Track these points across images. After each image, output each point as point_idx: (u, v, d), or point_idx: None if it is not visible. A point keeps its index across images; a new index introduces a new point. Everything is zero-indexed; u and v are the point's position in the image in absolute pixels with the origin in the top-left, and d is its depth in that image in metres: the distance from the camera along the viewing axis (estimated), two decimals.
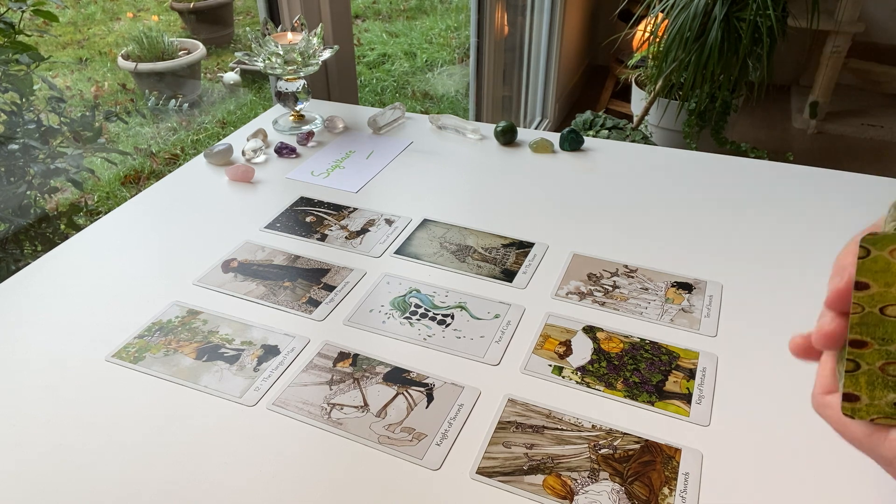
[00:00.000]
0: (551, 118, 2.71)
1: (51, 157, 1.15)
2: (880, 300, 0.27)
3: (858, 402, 0.28)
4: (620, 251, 0.79)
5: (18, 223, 1.15)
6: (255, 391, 0.61)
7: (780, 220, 0.84)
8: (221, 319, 0.69)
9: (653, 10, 2.15)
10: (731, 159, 0.98)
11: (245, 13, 2.70)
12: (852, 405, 0.29)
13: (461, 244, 0.80)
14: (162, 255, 0.79)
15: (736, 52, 2.00)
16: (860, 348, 0.28)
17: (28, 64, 1.11)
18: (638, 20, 2.21)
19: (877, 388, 0.28)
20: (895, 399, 0.28)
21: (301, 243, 0.81)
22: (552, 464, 0.54)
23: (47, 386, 0.62)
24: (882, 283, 0.27)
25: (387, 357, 0.65)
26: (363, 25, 3.32)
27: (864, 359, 0.28)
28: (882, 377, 0.28)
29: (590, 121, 1.97)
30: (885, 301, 0.27)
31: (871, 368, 0.28)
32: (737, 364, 0.63)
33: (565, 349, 0.65)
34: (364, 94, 2.84)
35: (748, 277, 0.74)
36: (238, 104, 2.29)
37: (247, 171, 0.93)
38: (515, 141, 1.03)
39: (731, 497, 0.52)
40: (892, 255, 0.26)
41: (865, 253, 0.27)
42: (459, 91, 2.91)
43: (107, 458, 0.55)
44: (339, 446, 0.56)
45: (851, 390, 0.28)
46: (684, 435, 0.56)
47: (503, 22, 2.04)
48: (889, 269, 0.26)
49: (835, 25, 2.60)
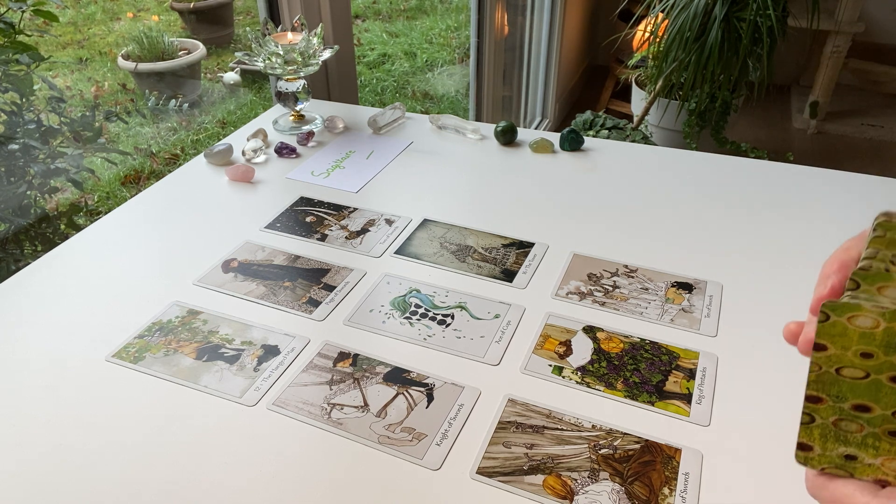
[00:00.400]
0: (551, 118, 2.71)
1: (51, 157, 1.15)
2: (836, 361, 0.29)
3: (811, 452, 0.31)
4: (620, 251, 0.79)
5: (18, 223, 1.15)
6: (255, 391, 0.61)
7: (780, 220, 0.84)
8: (221, 319, 0.69)
9: (653, 10, 2.14)
10: (731, 159, 0.98)
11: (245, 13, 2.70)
12: (805, 454, 0.31)
13: (461, 244, 0.80)
14: (162, 255, 0.79)
15: (736, 52, 2.00)
16: (816, 403, 0.30)
17: (28, 64, 1.11)
18: (638, 20, 2.21)
19: (829, 441, 0.31)
20: (845, 452, 0.30)
21: (301, 243, 0.81)
22: (552, 464, 0.54)
23: (47, 386, 0.62)
24: (839, 346, 0.29)
25: (387, 357, 0.65)
26: (363, 25, 3.32)
27: (819, 413, 0.30)
28: (834, 431, 0.30)
29: (590, 121, 1.97)
30: (840, 363, 0.29)
31: (825, 422, 0.30)
32: (737, 364, 0.63)
33: (565, 349, 0.65)
34: (364, 94, 2.84)
35: (748, 277, 0.74)
36: (238, 104, 2.29)
37: (247, 171, 0.93)
38: (515, 141, 1.03)
39: (731, 497, 0.52)
40: (850, 321, 0.29)
41: (825, 318, 0.29)
42: (459, 91, 2.91)
43: (107, 458, 0.55)
44: (339, 446, 0.56)
45: (805, 440, 0.31)
46: (684, 435, 0.56)
47: (503, 22, 2.04)
48: (846, 333, 0.29)
49: (835, 25, 2.60)
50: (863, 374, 0.29)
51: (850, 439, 0.30)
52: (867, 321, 0.28)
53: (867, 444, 0.30)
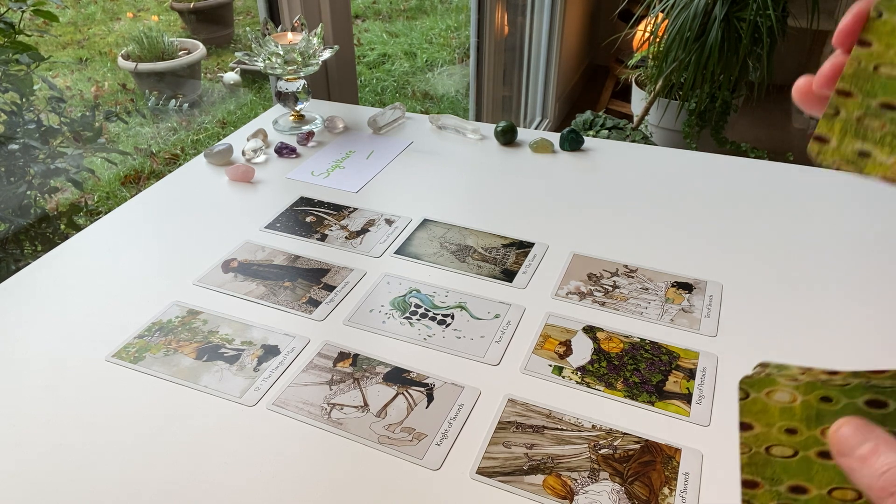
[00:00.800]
0: (551, 118, 2.71)
1: (51, 157, 1.15)
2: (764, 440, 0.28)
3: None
4: (620, 251, 0.79)
5: (18, 223, 1.15)
6: (255, 391, 0.61)
7: (780, 219, 0.84)
8: (221, 319, 0.69)
9: (653, 10, 2.15)
10: (731, 159, 0.98)
11: (245, 13, 2.70)
12: None
13: (461, 244, 0.80)
14: (162, 255, 0.79)
15: (736, 52, 2.00)
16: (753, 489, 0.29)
17: (28, 64, 1.11)
18: (638, 20, 2.21)
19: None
20: None
21: (301, 243, 0.81)
22: (552, 464, 0.54)
23: (47, 386, 0.62)
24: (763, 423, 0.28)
25: (387, 357, 0.65)
26: (363, 25, 3.32)
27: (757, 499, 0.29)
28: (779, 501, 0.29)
29: (590, 121, 1.97)
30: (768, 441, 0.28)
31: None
32: (737, 364, 0.63)
33: (565, 349, 0.65)
34: (364, 94, 2.84)
35: (748, 277, 0.74)
36: (238, 104, 2.29)
37: (247, 171, 0.93)
38: (515, 141, 1.03)
39: (731, 497, 0.52)
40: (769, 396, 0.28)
41: (745, 395, 0.28)
42: (459, 91, 2.91)
43: (107, 458, 0.55)
44: (339, 446, 0.56)
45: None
46: (684, 435, 0.56)
47: (503, 22, 2.04)
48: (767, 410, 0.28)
49: (835, 25, 2.59)
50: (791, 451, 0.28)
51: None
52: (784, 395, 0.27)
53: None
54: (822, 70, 0.30)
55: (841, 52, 0.29)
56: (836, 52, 0.30)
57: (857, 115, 0.28)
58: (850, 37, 0.29)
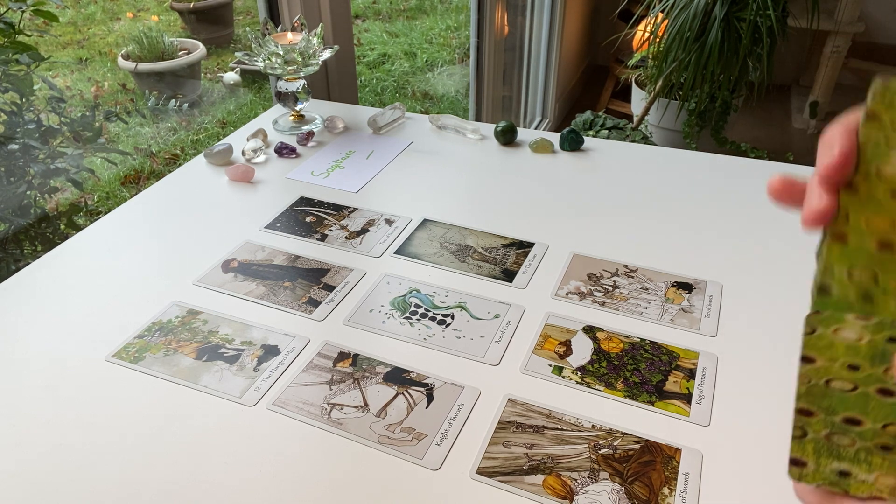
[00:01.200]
0: (551, 118, 2.71)
1: (51, 157, 1.15)
2: (825, 374, 0.30)
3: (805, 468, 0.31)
4: (620, 251, 0.79)
5: (18, 223, 1.15)
6: (255, 391, 0.61)
7: (781, 219, 0.84)
8: (221, 319, 0.69)
9: (653, 10, 2.14)
10: (731, 159, 0.98)
11: (245, 13, 2.70)
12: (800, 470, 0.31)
13: (461, 244, 0.80)
14: (162, 255, 0.79)
15: (736, 52, 2.00)
16: (808, 416, 0.31)
17: (28, 64, 1.11)
18: (638, 20, 2.21)
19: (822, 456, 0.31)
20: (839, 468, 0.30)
21: (301, 243, 0.81)
22: (552, 464, 0.54)
23: (47, 386, 0.62)
24: (826, 358, 0.29)
25: (387, 357, 0.65)
26: (363, 25, 3.32)
27: (811, 427, 0.30)
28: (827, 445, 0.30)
29: (590, 121, 1.97)
30: (828, 375, 0.30)
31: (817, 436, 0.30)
32: (737, 364, 0.63)
33: (565, 349, 0.65)
34: (364, 94, 2.84)
35: (748, 277, 0.74)
36: (238, 104, 2.29)
37: (247, 171, 0.93)
38: (515, 141, 1.03)
39: (731, 497, 0.52)
40: (835, 333, 0.29)
41: (811, 330, 0.29)
42: (459, 91, 2.91)
43: (107, 458, 0.55)
44: (339, 446, 0.56)
45: (799, 455, 0.31)
46: (684, 435, 0.56)
47: (503, 22, 2.04)
48: (832, 345, 0.29)
49: (835, 25, 2.60)
50: (851, 386, 0.29)
51: (843, 454, 0.30)
52: (852, 333, 0.29)
53: (860, 458, 0.30)
54: (809, 208, 0.29)
55: (820, 191, 0.28)
56: (811, 188, 0.29)
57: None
58: (833, 174, 0.27)
